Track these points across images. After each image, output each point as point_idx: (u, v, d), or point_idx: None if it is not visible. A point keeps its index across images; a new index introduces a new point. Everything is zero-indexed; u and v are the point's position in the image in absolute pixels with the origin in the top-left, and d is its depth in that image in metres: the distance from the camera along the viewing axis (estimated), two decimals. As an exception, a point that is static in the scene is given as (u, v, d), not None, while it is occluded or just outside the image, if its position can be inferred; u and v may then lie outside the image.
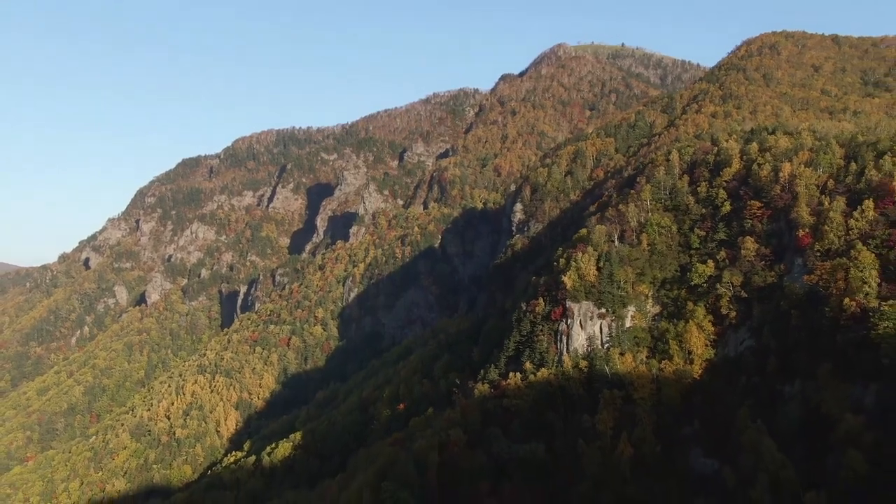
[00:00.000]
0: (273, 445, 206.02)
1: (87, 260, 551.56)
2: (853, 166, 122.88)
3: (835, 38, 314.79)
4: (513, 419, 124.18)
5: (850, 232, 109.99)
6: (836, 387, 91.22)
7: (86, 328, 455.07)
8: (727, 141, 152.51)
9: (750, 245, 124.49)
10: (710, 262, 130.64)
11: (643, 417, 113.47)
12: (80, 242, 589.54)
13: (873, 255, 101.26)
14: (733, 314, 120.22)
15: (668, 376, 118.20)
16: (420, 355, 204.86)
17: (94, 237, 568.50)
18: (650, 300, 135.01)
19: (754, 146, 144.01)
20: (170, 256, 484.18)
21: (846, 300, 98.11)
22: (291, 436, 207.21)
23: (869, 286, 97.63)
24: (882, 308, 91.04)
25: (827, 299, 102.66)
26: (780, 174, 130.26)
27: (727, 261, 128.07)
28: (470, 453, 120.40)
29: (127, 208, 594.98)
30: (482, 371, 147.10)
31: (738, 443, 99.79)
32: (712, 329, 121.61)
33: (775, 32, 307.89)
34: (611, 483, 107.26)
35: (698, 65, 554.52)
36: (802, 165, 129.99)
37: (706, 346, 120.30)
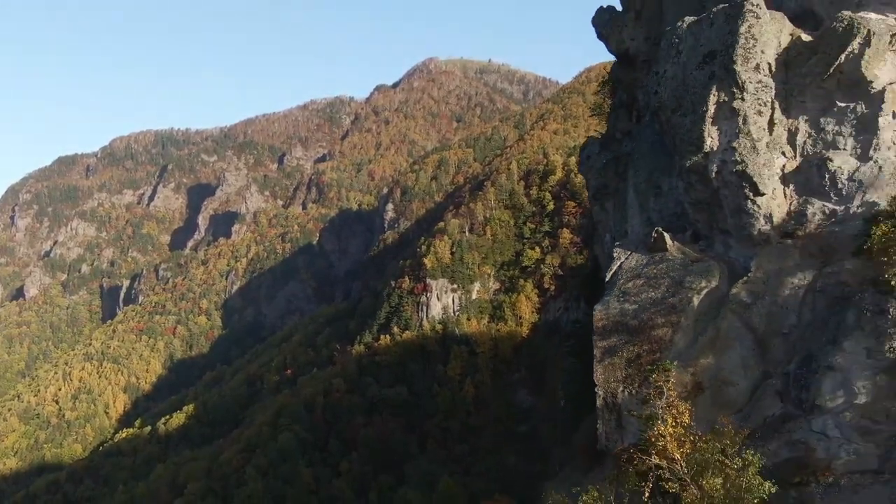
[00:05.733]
0: (167, 417, 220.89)
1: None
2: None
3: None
4: (383, 370, 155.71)
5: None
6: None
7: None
8: (554, 155, 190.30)
9: (566, 235, 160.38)
10: (538, 249, 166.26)
11: (483, 366, 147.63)
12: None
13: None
14: (553, 288, 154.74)
15: (503, 335, 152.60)
16: (304, 333, 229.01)
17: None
18: (492, 278, 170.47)
19: (573, 159, 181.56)
20: (48, 252, 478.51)
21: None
22: (185, 408, 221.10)
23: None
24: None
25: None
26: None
27: (550, 247, 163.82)
28: (349, 397, 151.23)
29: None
30: (358, 337, 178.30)
31: (550, 382, 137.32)
32: (537, 299, 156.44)
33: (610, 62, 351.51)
34: (457, 415, 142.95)
35: (557, 82, 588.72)
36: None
37: (532, 312, 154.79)
